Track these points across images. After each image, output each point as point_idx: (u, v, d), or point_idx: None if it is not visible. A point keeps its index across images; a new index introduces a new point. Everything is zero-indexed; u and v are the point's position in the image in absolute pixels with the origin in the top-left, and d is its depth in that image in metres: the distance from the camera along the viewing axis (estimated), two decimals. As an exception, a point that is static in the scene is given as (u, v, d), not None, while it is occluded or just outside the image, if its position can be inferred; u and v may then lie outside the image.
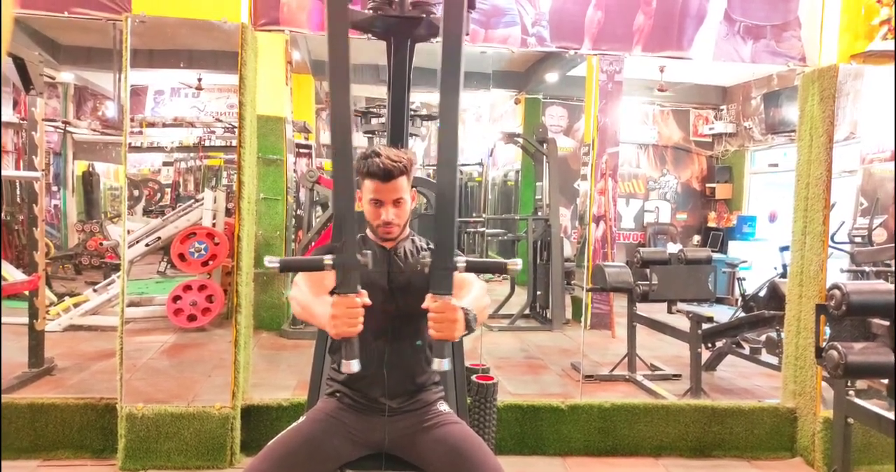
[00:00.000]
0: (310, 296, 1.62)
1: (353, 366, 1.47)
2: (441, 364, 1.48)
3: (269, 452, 1.63)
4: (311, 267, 1.58)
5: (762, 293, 4.35)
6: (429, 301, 1.49)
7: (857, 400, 2.23)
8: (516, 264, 1.52)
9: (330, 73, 1.46)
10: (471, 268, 1.54)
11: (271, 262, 1.49)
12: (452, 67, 1.46)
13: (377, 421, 1.72)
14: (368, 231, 1.82)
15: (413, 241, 1.85)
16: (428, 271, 1.50)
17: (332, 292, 1.51)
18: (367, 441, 1.71)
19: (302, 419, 1.75)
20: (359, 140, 8.54)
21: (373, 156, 1.68)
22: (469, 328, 1.48)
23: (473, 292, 1.65)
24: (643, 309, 4.39)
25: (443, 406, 1.79)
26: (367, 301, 1.48)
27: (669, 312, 4.38)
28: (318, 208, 5.86)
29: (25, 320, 3.83)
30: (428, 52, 1.90)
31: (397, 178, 1.68)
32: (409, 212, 1.78)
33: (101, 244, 7.00)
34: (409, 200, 1.76)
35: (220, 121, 6.82)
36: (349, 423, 1.71)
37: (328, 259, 1.48)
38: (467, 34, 2.05)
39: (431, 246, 1.81)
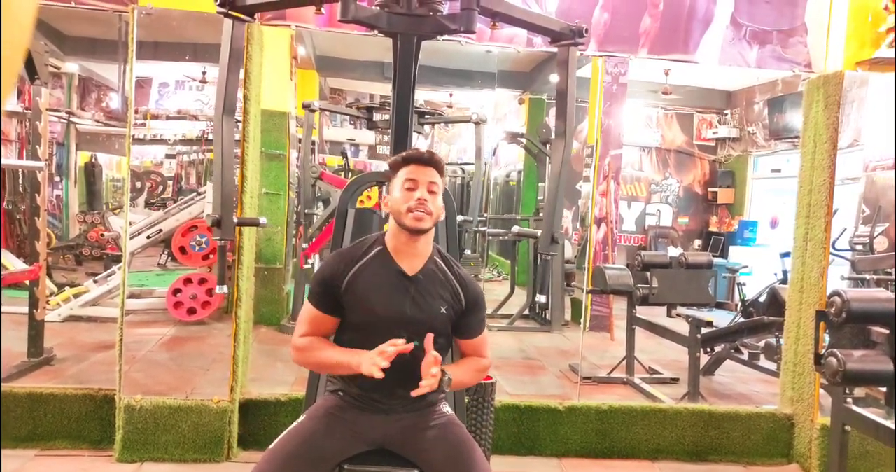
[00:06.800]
0: (325, 351, 1.74)
1: (219, 288, 2.10)
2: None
3: (271, 454, 1.63)
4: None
5: (762, 299, 4.35)
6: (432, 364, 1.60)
7: (854, 408, 2.22)
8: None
9: None
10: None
11: None
12: None
13: (378, 419, 1.71)
14: (389, 241, 1.72)
15: (436, 262, 1.76)
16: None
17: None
18: (366, 438, 1.71)
19: (302, 417, 1.75)
20: (364, 136, 8.54)
21: (411, 151, 1.76)
22: (440, 390, 1.63)
23: (472, 366, 1.78)
24: (643, 312, 4.39)
25: (445, 407, 1.79)
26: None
27: (669, 315, 4.38)
28: (320, 204, 5.85)
29: (25, 309, 3.83)
30: (433, 51, 1.90)
31: (435, 166, 1.71)
32: (440, 213, 1.70)
33: (102, 235, 7.00)
34: (442, 202, 1.71)
35: (224, 115, 6.80)
36: (350, 419, 1.71)
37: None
38: (474, 32, 2.05)
39: (456, 266, 1.79)
